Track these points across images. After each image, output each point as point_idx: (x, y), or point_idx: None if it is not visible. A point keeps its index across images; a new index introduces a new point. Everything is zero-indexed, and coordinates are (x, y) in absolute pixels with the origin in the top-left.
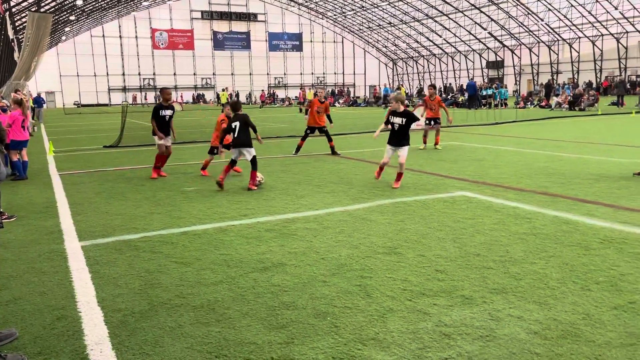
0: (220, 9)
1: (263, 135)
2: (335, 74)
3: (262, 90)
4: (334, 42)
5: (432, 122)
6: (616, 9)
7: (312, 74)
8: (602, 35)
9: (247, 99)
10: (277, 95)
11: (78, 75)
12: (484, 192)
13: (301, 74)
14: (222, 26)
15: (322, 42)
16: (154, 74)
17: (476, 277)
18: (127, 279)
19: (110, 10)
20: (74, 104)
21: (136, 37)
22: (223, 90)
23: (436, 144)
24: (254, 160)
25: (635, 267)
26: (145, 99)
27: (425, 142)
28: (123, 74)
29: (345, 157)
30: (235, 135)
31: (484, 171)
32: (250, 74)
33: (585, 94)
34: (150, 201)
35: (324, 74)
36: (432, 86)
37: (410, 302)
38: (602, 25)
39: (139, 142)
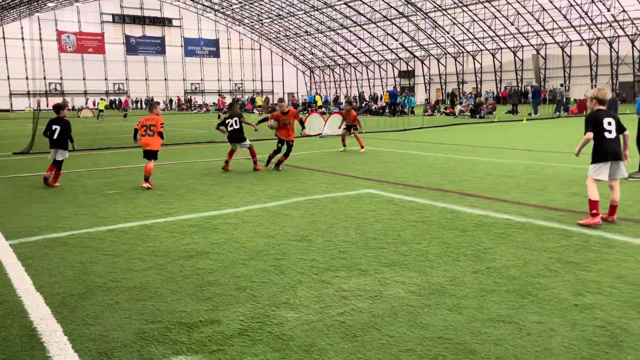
0: (133, 12)
1: (183, 140)
2: (253, 80)
3: (220, 95)
4: (252, 49)
5: (351, 129)
6: (512, 24)
7: (230, 80)
8: (501, 48)
9: (166, 105)
10: (196, 101)
11: None
12: (386, 189)
13: (219, 80)
14: (135, 30)
15: (240, 48)
16: (61, 78)
17: (372, 255)
18: (60, 269)
19: (11, 11)
20: None
21: (41, 39)
22: (102, 99)
23: (362, 147)
24: (61, 163)
25: (497, 242)
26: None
27: (344, 145)
28: (26, 78)
29: (264, 160)
30: (54, 138)
31: (389, 172)
32: (165, 80)
33: (485, 102)
34: (73, 204)
35: (242, 80)
36: (349, 102)
37: (316, 276)
38: (500, 39)
39: None
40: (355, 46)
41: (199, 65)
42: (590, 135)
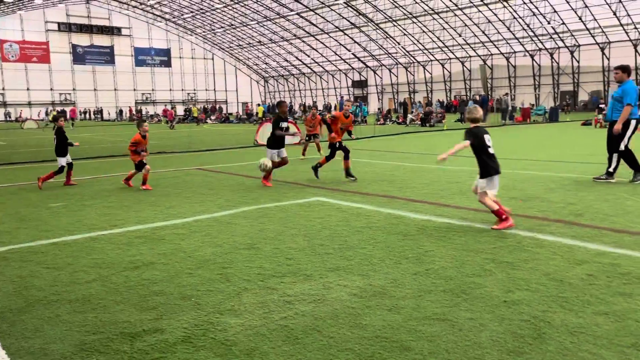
0: (79, 21)
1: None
2: (206, 90)
3: (172, 107)
4: (204, 58)
5: (312, 138)
6: (460, 35)
7: (183, 90)
8: (450, 59)
9: (117, 115)
10: (148, 112)
11: None
12: (335, 197)
13: (170, 90)
14: (82, 39)
15: (192, 58)
16: (3, 88)
17: (318, 261)
18: None
19: None
20: None
21: None
22: (51, 110)
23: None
24: (62, 169)
25: (437, 245)
26: None
27: (304, 154)
28: None
29: (215, 170)
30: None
31: (339, 180)
32: (115, 90)
33: (435, 111)
34: (14, 217)
35: (194, 90)
36: (315, 107)
37: (262, 282)
38: (449, 50)
39: None
40: (308, 56)
41: (150, 75)
42: (468, 143)
